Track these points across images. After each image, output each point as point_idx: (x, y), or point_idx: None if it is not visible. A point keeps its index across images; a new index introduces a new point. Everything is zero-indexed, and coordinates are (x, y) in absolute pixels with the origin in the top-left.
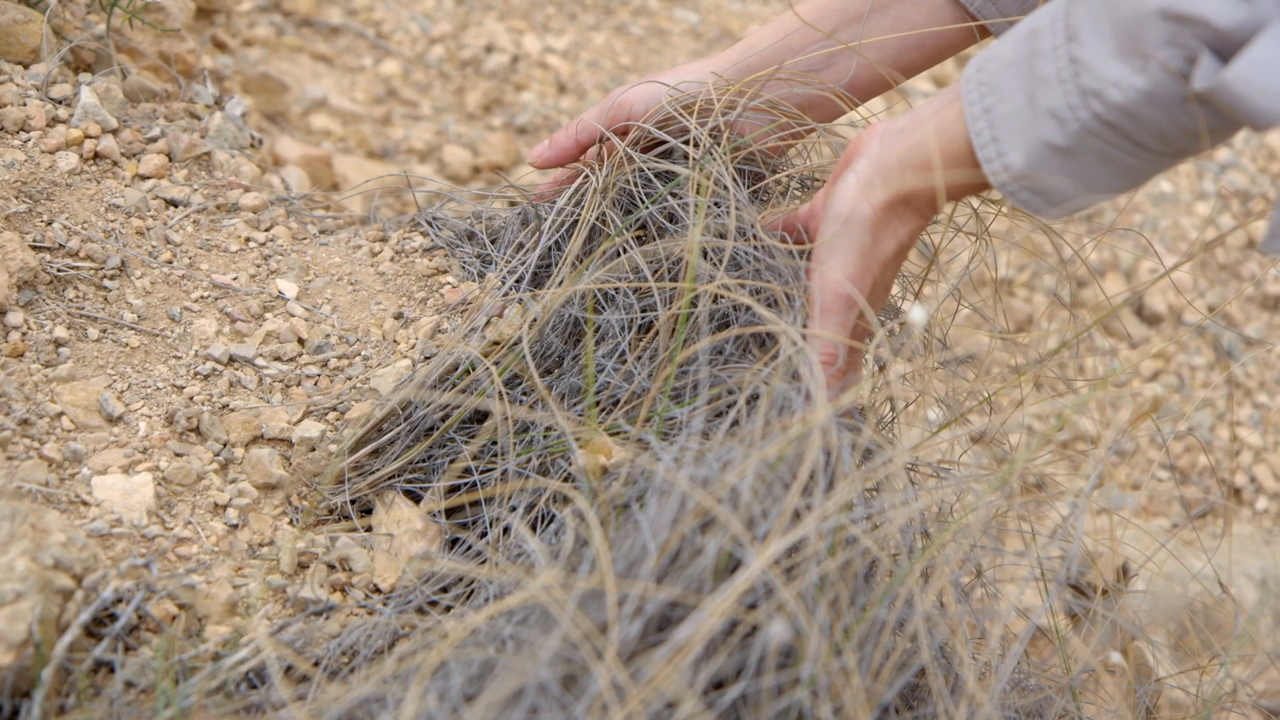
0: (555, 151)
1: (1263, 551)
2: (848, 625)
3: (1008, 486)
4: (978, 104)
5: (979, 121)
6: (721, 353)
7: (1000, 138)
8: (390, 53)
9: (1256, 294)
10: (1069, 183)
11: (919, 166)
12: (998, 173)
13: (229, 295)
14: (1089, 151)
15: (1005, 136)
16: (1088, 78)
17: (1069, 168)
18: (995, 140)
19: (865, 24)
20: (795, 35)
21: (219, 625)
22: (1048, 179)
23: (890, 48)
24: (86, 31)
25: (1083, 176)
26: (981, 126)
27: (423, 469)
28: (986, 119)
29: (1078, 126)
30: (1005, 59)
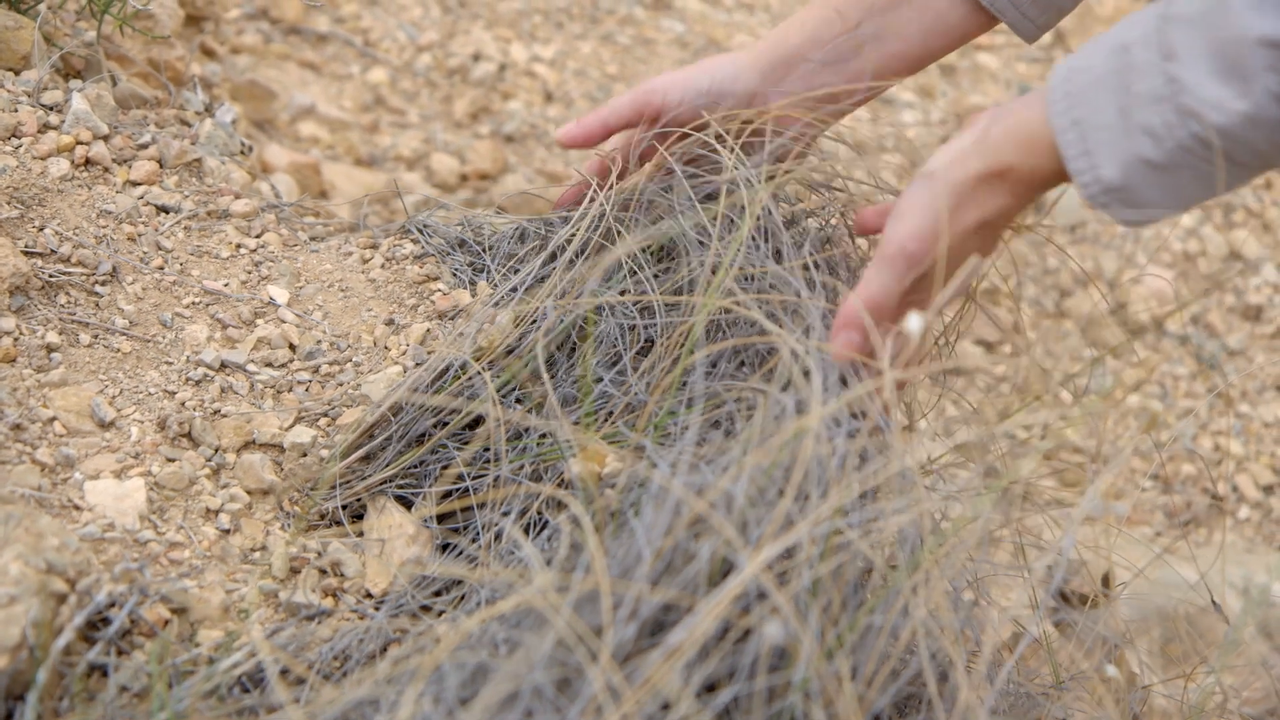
0: (583, 131)
1: (1245, 560)
2: (840, 631)
3: (1005, 498)
4: (1065, 115)
5: (1068, 133)
6: (716, 366)
7: (1092, 150)
8: (378, 61)
9: (1238, 304)
10: (1159, 195)
11: (1021, 144)
12: (1089, 184)
13: (220, 301)
14: (1183, 167)
15: (1097, 150)
16: (1187, 98)
17: (1161, 182)
18: (1087, 153)
19: (892, 14)
20: (823, 27)
21: (211, 630)
22: (1139, 192)
23: (915, 37)
24: (76, 39)
25: (1174, 190)
26: (1071, 138)
27: (415, 475)
28: (1076, 130)
29: (1174, 145)
30: (1096, 71)
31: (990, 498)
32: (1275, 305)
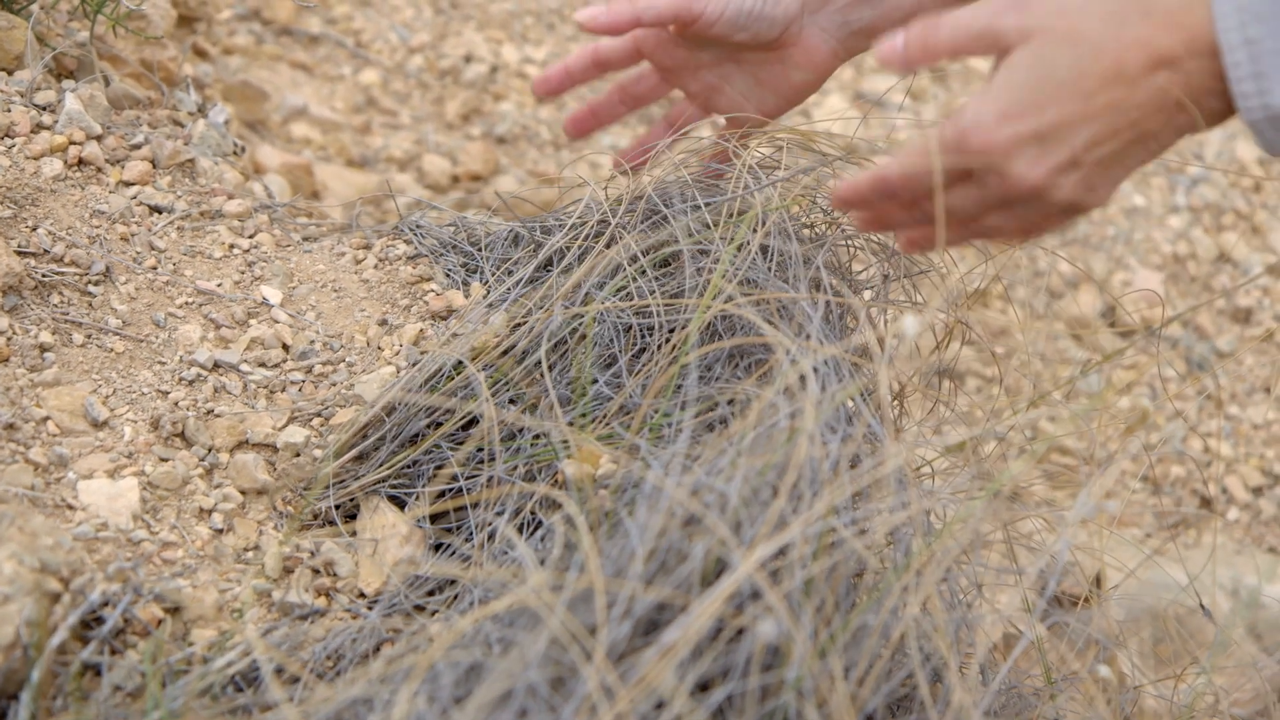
0: (610, 19)
1: (1235, 561)
2: (834, 631)
3: (998, 499)
4: (1237, 31)
5: (1238, 51)
6: (711, 369)
7: (1265, 73)
8: (369, 62)
9: (1227, 307)
10: None
11: (1182, 27)
12: (1253, 109)
13: (213, 301)
14: None
15: (1271, 73)
16: None
17: None
18: (1257, 75)
19: None
20: None
21: (205, 629)
22: None
23: None
24: (69, 39)
25: None
26: (1240, 57)
27: (408, 475)
28: (1248, 49)
29: None
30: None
31: (982, 499)
32: (1265, 308)
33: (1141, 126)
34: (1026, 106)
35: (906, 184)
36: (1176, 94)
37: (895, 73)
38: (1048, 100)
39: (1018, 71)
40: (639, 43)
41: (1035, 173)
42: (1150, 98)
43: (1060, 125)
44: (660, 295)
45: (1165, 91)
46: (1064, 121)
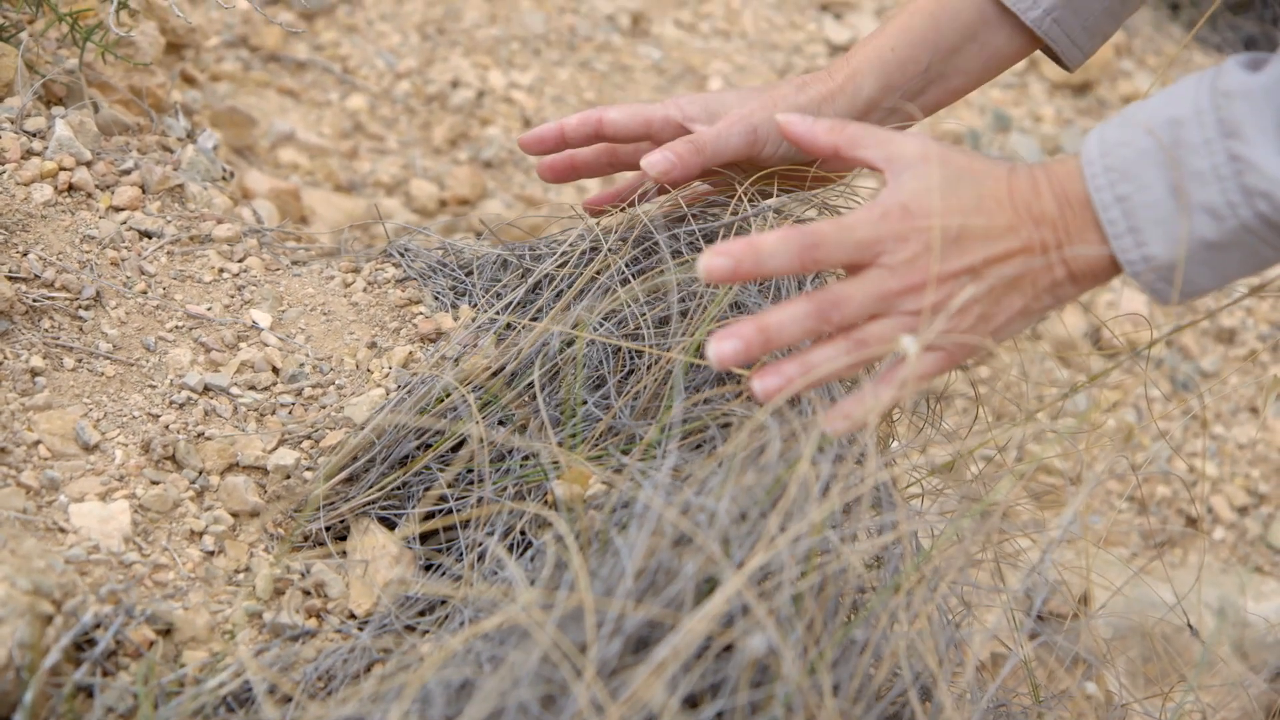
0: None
1: (1220, 580)
2: (823, 648)
3: (984, 519)
4: (1108, 190)
5: (1112, 209)
6: (700, 390)
7: (1139, 228)
8: (357, 88)
9: (1211, 328)
10: (1208, 274)
11: (1057, 183)
12: (1134, 262)
13: (203, 325)
14: (1238, 246)
15: (1145, 228)
16: (1254, 177)
17: (1212, 260)
18: (1133, 230)
19: (958, 55)
20: (895, 73)
21: (196, 650)
22: (1188, 271)
23: (975, 72)
24: (58, 66)
25: (1222, 268)
26: (1115, 215)
27: (398, 496)
28: (1121, 207)
29: (1236, 224)
30: (1139, 146)
31: (969, 519)
32: (1249, 328)
33: (1031, 264)
34: (922, 211)
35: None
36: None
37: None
38: (954, 210)
39: (923, 181)
40: None
41: (944, 269)
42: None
43: (964, 233)
44: (649, 318)
45: (1046, 243)
46: (966, 230)
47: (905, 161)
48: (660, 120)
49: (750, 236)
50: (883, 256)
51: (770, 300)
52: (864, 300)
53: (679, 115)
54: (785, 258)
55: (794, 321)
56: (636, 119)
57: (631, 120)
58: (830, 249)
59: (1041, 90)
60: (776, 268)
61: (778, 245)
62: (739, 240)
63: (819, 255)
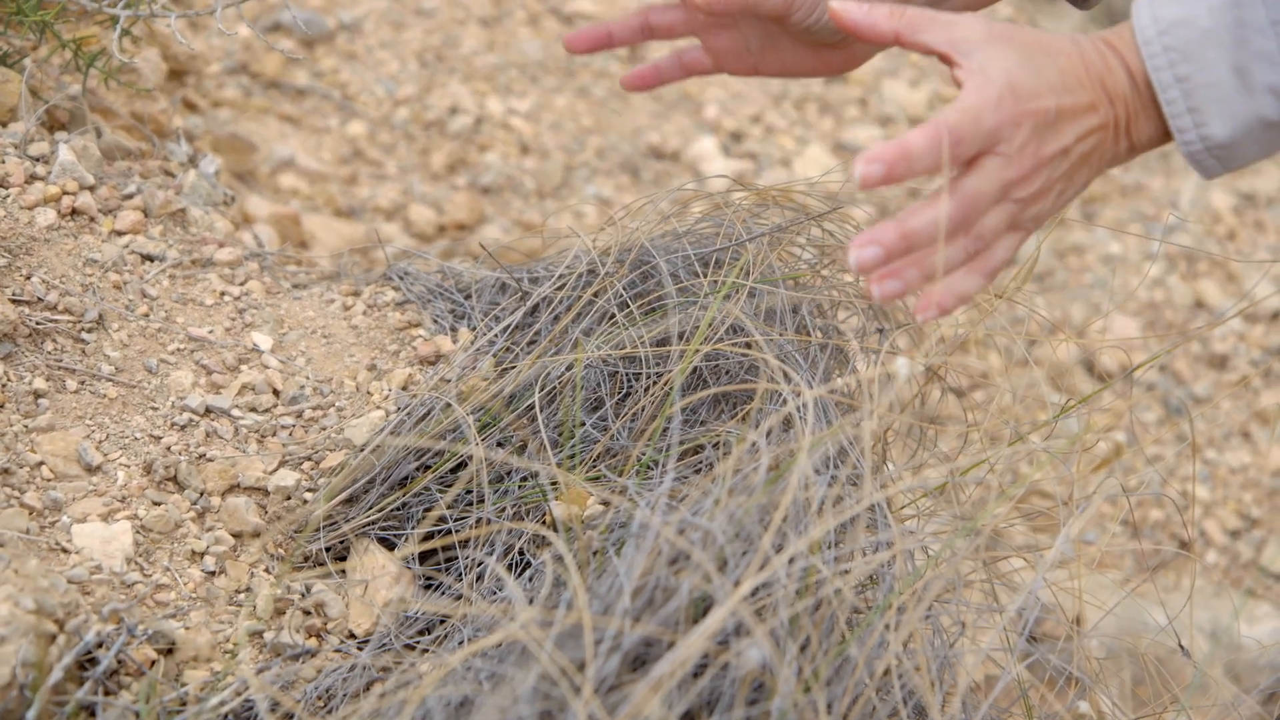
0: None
1: (1213, 604)
2: (818, 665)
3: (977, 540)
4: (1167, 70)
5: (1171, 89)
6: (697, 412)
7: (1199, 108)
8: (356, 114)
9: (1203, 353)
10: (1256, 150)
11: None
12: (1191, 142)
13: (205, 348)
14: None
15: (1205, 107)
16: None
17: (1266, 138)
18: (1193, 110)
19: None
20: None
21: (197, 669)
22: (1243, 149)
23: None
24: (61, 92)
25: (1272, 145)
26: (1175, 95)
27: (398, 517)
28: (1181, 87)
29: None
30: (1200, 25)
31: (961, 535)
32: (1240, 354)
33: (1105, 139)
34: (1027, 93)
35: (927, 155)
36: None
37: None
38: (1046, 90)
39: (1006, 61)
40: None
41: (1043, 152)
42: (1111, 118)
43: (1060, 114)
44: (647, 341)
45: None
46: (1062, 111)
47: (973, 43)
48: None
49: (899, 141)
50: (1000, 145)
51: (761, 327)
52: (993, 195)
53: None
54: (931, 159)
55: (935, 224)
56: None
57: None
58: (968, 143)
59: None
60: (925, 167)
61: (926, 146)
62: (890, 146)
63: (960, 151)
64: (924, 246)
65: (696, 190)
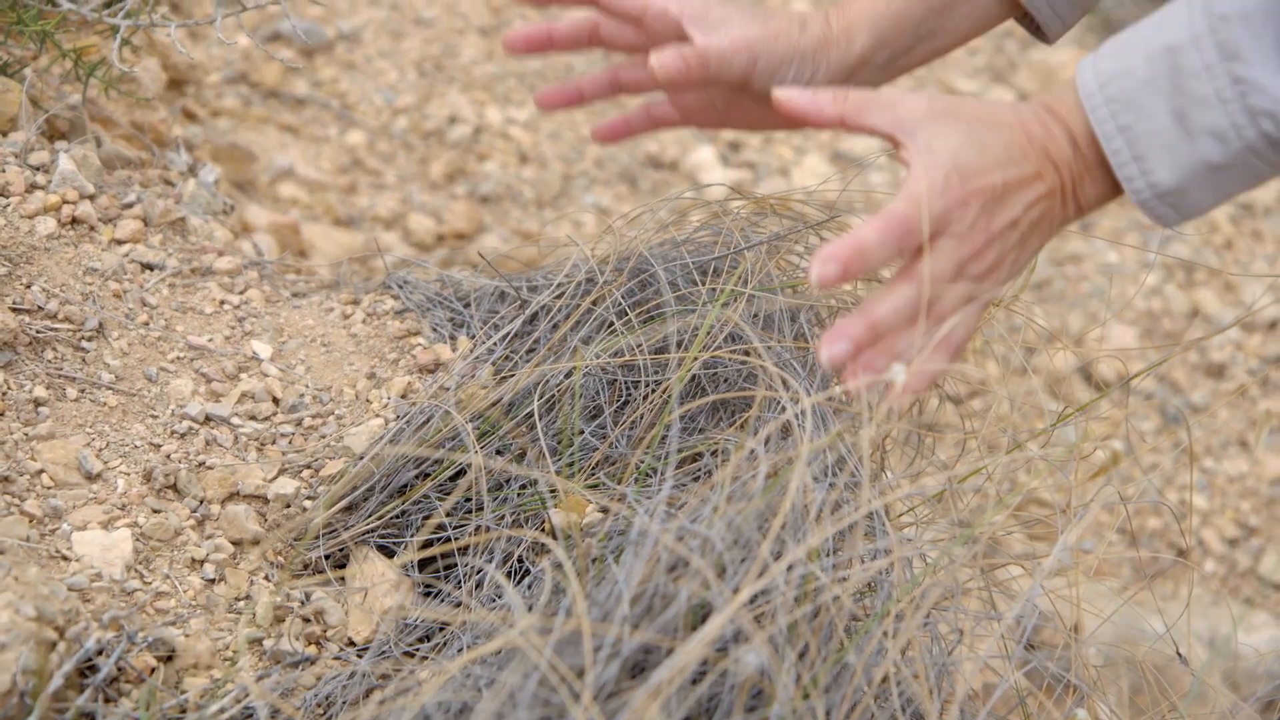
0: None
1: (1211, 612)
2: (816, 673)
3: (973, 547)
4: (1110, 121)
5: (1115, 140)
6: (695, 420)
7: (1144, 156)
8: (355, 123)
9: (1201, 362)
10: (1209, 194)
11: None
12: (1140, 190)
13: (204, 356)
14: (1241, 166)
15: (1149, 155)
16: (1258, 98)
17: (1216, 181)
18: (1138, 159)
19: (949, 13)
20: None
21: (197, 677)
22: (1192, 194)
23: (961, 32)
24: (61, 102)
25: (1223, 187)
26: (1119, 145)
27: (397, 525)
28: (1124, 137)
29: (1241, 145)
30: (1138, 75)
31: (959, 542)
32: (1238, 363)
33: (1053, 205)
34: (973, 171)
35: (882, 248)
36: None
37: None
38: (991, 165)
39: (950, 139)
40: None
41: (993, 226)
42: (1058, 185)
43: (1006, 187)
44: (645, 350)
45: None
46: (1008, 184)
47: (917, 123)
48: (658, 9)
49: (852, 236)
50: (952, 225)
51: (759, 334)
52: (949, 275)
53: (676, 11)
54: (886, 250)
55: (898, 312)
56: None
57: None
58: (918, 231)
59: None
60: (879, 261)
61: (879, 240)
62: (843, 243)
63: (912, 241)
64: (890, 333)
65: (695, 199)
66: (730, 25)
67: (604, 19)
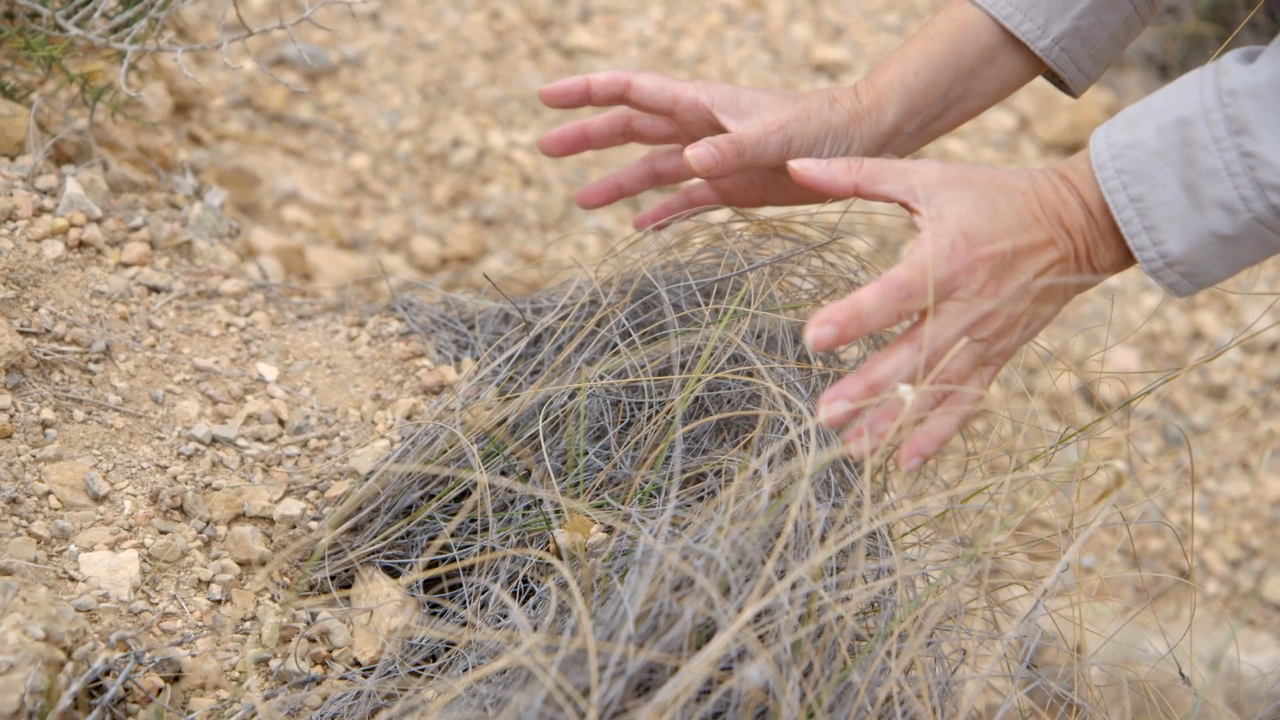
0: (561, 89)
1: (1213, 634)
2: (820, 692)
3: (976, 567)
4: (1122, 192)
5: (1127, 210)
6: (699, 441)
7: (1155, 226)
8: (359, 147)
9: (1202, 383)
10: (1220, 265)
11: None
12: (1152, 260)
13: (210, 378)
14: (1251, 237)
15: (1161, 225)
16: (1266, 172)
17: (1226, 253)
18: (1149, 229)
19: (977, 77)
20: (918, 98)
21: (203, 698)
22: (1202, 264)
23: (989, 95)
24: (68, 126)
25: (1234, 259)
26: (1130, 215)
27: (402, 545)
28: (1136, 208)
29: (1250, 218)
30: (1150, 147)
31: (963, 566)
32: (1239, 384)
33: (1067, 272)
34: (982, 237)
35: (879, 312)
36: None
37: (811, 187)
38: (1002, 232)
39: (961, 206)
40: None
41: (1002, 291)
42: (1070, 251)
43: (1017, 253)
44: (649, 370)
45: (1078, 251)
46: (1019, 250)
47: (929, 189)
48: (688, 101)
49: (850, 300)
50: (958, 291)
51: (763, 356)
52: (954, 338)
53: (707, 100)
54: (884, 314)
55: (898, 374)
56: (665, 93)
57: (660, 92)
58: (921, 295)
59: (1033, 150)
60: (877, 324)
61: (876, 303)
62: (840, 306)
63: (912, 304)
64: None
65: (697, 221)
66: (761, 110)
67: (636, 114)
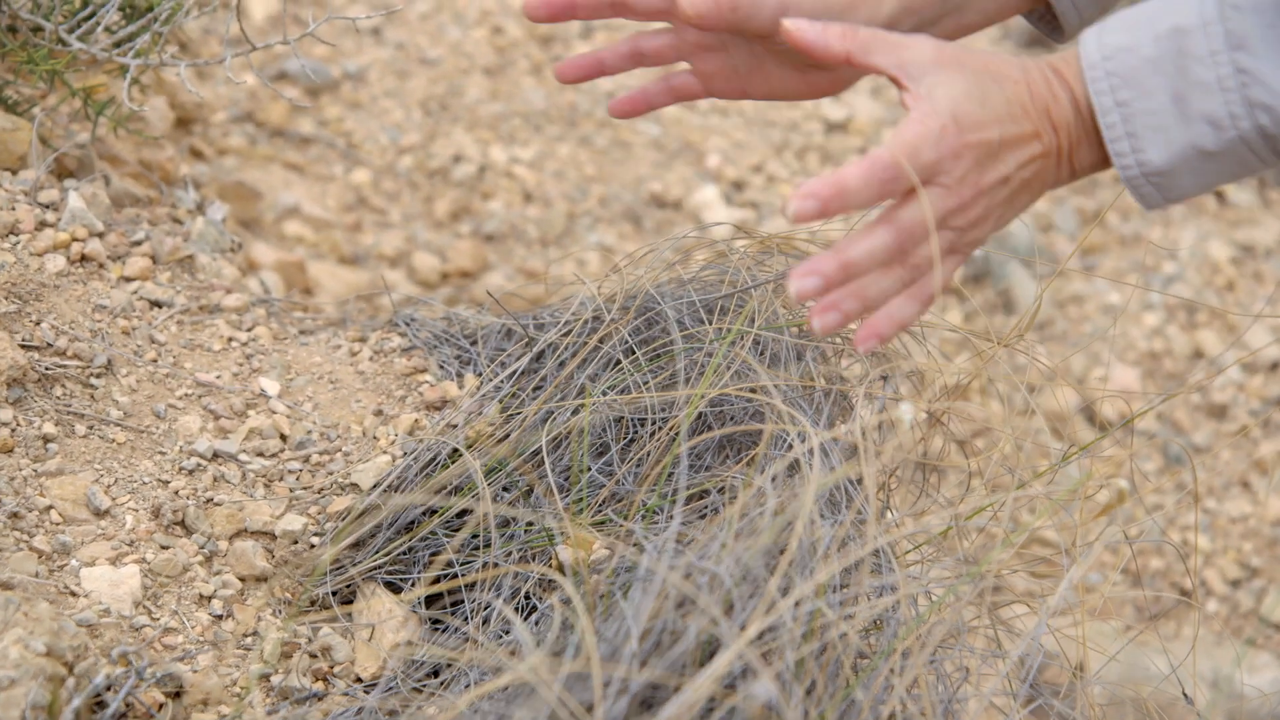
0: None
1: (1214, 653)
2: (824, 709)
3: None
4: (1109, 95)
5: (1111, 114)
6: (702, 458)
7: (1137, 134)
8: (360, 162)
9: (1203, 402)
10: (1193, 181)
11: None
12: (1129, 167)
13: (212, 393)
14: (1231, 156)
15: (1142, 134)
16: (1259, 90)
17: (1203, 168)
18: (1130, 135)
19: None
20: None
21: (204, 713)
22: (1180, 178)
23: (988, 10)
24: (70, 140)
25: (1211, 177)
26: (1114, 119)
27: (405, 561)
28: (1120, 112)
29: (1235, 135)
30: (1143, 53)
31: (965, 584)
32: (1240, 403)
33: (1047, 167)
34: (971, 124)
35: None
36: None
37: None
38: (990, 120)
39: (952, 88)
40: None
41: (983, 181)
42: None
43: (1003, 144)
44: (652, 387)
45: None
46: (1005, 141)
47: (921, 67)
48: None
49: (835, 176)
50: (940, 176)
51: (766, 373)
52: (931, 224)
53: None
54: (868, 192)
55: (873, 255)
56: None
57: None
58: (905, 176)
59: None
60: (860, 202)
61: (861, 183)
62: (824, 180)
63: (897, 185)
64: (861, 276)
65: (700, 238)
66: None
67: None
